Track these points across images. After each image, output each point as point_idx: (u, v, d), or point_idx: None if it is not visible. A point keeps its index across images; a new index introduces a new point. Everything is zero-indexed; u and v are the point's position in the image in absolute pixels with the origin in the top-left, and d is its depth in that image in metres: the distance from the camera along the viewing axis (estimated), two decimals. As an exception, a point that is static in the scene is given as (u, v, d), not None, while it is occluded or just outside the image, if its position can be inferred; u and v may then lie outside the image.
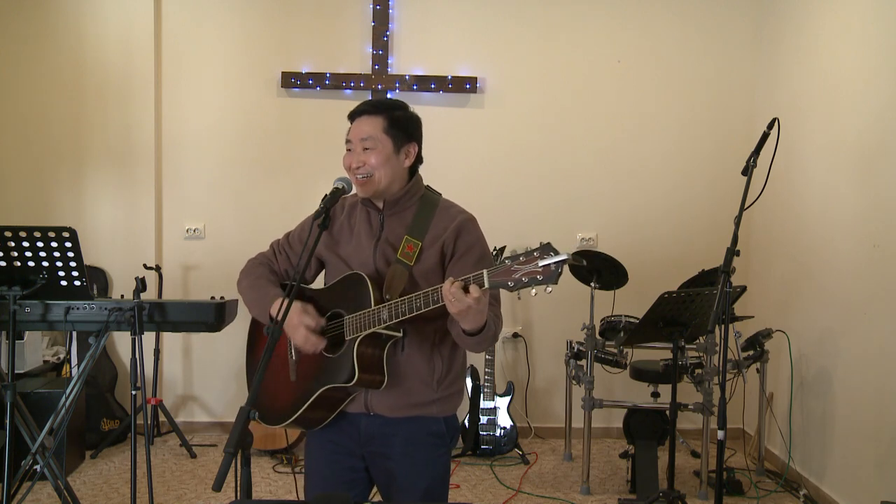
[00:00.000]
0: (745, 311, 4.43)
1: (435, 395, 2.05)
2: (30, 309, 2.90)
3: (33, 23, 4.74)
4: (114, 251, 4.80)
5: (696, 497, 3.92)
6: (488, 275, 1.72)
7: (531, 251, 1.70)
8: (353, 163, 2.03)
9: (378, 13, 4.83)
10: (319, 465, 2.13)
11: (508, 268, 1.71)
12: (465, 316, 1.78)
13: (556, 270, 1.66)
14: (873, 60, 3.61)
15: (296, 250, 2.18)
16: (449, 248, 2.02)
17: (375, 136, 2.03)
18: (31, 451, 3.03)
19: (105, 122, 4.79)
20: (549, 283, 1.67)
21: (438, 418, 2.08)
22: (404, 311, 1.87)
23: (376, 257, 2.04)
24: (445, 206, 2.12)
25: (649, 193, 4.96)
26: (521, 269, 1.69)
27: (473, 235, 2.06)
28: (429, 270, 2.00)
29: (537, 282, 1.67)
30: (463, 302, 1.73)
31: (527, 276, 1.68)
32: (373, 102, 2.10)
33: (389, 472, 2.06)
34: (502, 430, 4.50)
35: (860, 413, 3.59)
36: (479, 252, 2.05)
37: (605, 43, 4.94)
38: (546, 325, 4.99)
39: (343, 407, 2.05)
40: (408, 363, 2.01)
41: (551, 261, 1.66)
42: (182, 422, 4.81)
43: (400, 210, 2.08)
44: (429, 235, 2.03)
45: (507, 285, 1.70)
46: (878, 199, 3.52)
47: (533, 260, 1.68)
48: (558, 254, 1.67)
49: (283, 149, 4.88)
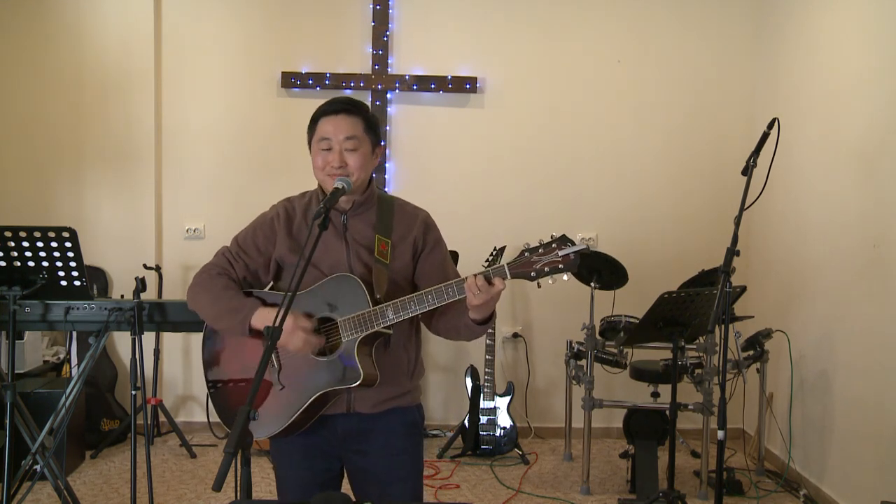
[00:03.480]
0: (745, 311, 4.43)
1: (409, 385, 2.12)
2: (30, 309, 2.89)
3: (33, 23, 4.74)
4: (114, 251, 4.80)
5: (696, 497, 3.92)
6: (509, 267, 1.85)
7: (549, 243, 1.85)
8: (335, 162, 2.01)
9: (378, 13, 4.83)
10: (294, 468, 2.12)
11: (528, 259, 1.85)
12: (483, 307, 1.89)
13: (575, 260, 1.82)
14: (873, 60, 3.61)
15: (251, 256, 2.13)
16: (420, 242, 2.09)
17: (358, 136, 2.04)
18: (31, 451, 3.03)
19: (105, 121, 4.79)
20: (570, 271, 1.83)
21: (412, 407, 2.14)
22: (414, 309, 1.92)
23: (350, 258, 2.04)
24: (401, 203, 2.16)
25: (649, 193, 4.96)
26: (542, 259, 1.84)
27: (436, 229, 2.17)
28: (403, 267, 2.06)
29: (558, 270, 1.83)
30: (489, 293, 1.84)
31: (548, 266, 1.84)
32: (349, 101, 2.08)
33: (365, 469, 2.08)
34: (502, 430, 4.49)
35: (860, 413, 3.59)
36: (443, 243, 2.16)
37: (605, 43, 4.94)
38: (546, 325, 4.99)
39: (324, 409, 2.03)
40: (389, 359, 2.04)
41: (570, 251, 1.83)
42: (182, 422, 4.81)
43: (363, 210, 2.09)
44: (395, 233, 2.07)
45: (530, 276, 1.84)
46: (878, 199, 3.52)
47: (552, 251, 1.83)
48: (575, 244, 1.83)
49: (283, 149, 4.87)
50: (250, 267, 2.13)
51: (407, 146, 4.93)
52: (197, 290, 2.12)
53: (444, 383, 5.01)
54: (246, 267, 2.13)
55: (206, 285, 2.11)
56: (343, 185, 1.98)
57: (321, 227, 1.89)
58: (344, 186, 1.98)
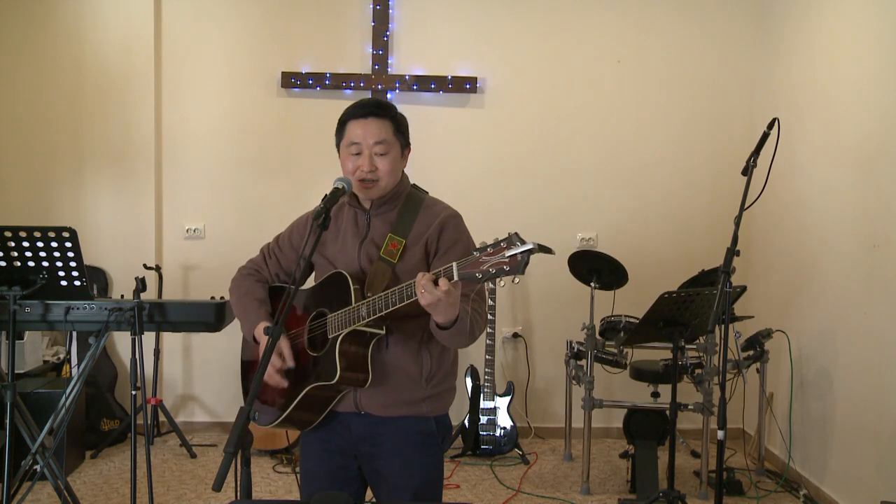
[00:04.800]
0: (745, 311, 4.43)
1: (425, 392, 2.03)
2: (30, 309, 2.89)
3: (33, 23, 4.74)
4: (114, 251, 4.80)
5: (696, 497, 3.92)
6: (457, 266, 1.70)
7: (499, 241, 1.66)
8: (365, 167, 1.98)
9: (378, 13, 4.83)
10: (314, 465, 2.13)
11: (477, 259, 1.68)
12: (435, 308, 1.77)
13: (522, 260, 1.62)
14: (873, 60, 3.61)
15: (286, 253, 2.17)
16: (433, 244, 2.01)
17: (389, 140, 2.00)
18: (31, 451, 3.02)
19: (105, 121, 4.79)
20: (516, 274, 1.63)
21: (429, 417, 2.06)
22: (381, 307, 1.85)
23: (360, 257, 2.04)
24: (430, 203, 2.09)
25: (649, 193, 4.96)
26: (489, 259, 1.66)
27: (457, 231, 2.04)
28: (413, 268, 1.96)
29: (504, 272, 1.64)
30: (433, 294, 1.71)
31: (494, 266, 1.64)
32: (379, 103, 2.04)
33: (379, 472, 2.06)
34: (502, 430, 4.49)
35: (860, 413, 3.59)
36: (462, 248, 2.01)
37: (606, 43, 4.94)
38: (546, 325, 4.99)
39: (332, 406, 2.04)
40: (394, 361, 2.00)
41: (517, 251, 1.62)
42: (182, 422, 4.81)
43: (386, 210, 2.06)
44: (413, 233, 2.02)
45: (476, 277, 1.67)
46: (878, 199, 3.52)
47: (500, 251, 1.64)
48: (525, 243, 1.62)
49: (283, 149, 4.87)
50: (282, 263, 2.20)
51: (407, 146, 4.93)
52: (232, 286, 2.24)
53: (444, 383, 5.01)
54: (278, 263, 2.20)
55: (236, 284, 2.22)
56: (343, 186, 1.96)
57: (321, 227, 1.88)
58: (344, 187, 1.96)
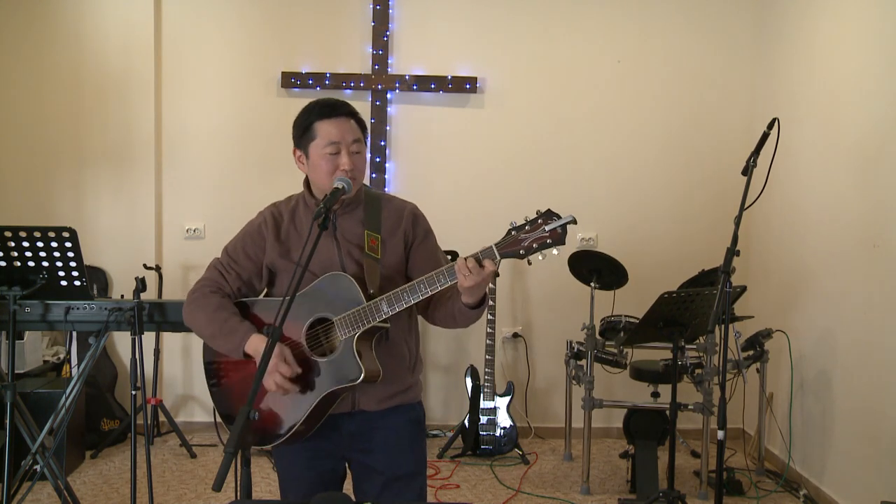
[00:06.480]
0: (745, 311, 4.43)
1: (411, 379, 2.12)
2: (30, 309, 2.89)
3: (33, 23, 4.74)
4: (114, 251, 4.79)
5: (696, 497, 3.92)
6: (497, 248, 1.81)
7: (535, 219, 1.79)
8: (347, 165, 1.99)
9: (378, 13, 4.83)
10: (298, 470, 2.11)
11: (516, 238, 1.80)
12: (474, 290, 1.85)
13: (562, 233, 1.76)
14: (874, 60, 3.61)
15: (242, 265, 2.11)
16: (410, 234, 2.10)
17: (361, 140, 2.06)
18: (31, 451, 3.03)
19: (105, 121, 4.79)
20: (558, 246, 1.77)
21: (415, 404, 2.14)
22: (408, 300, 1.90)
23: (342, 256, 2.04)
24: (388, 198, 2.17)
25: (649, 193, 4.96)
26: (529, 236, 1.79)
27: (425, 220, 2.16)
28: (396, 261, 2.07)
29: (546, 245, 1.77)
30: (480, 275, 1.80)
31: (536, 241, 1.78)
32: (348, 104, 2.06)
33: (368, 465, 2.08)
34: (502, 430, 4.49)
35: (860, 413, 3.59)
36: (432, 234, 2.16)
37: (605, 43, 4.93)
38: (546, 325, 4.99)
39: (330, 410, 2.02)
40: (389, 353, 2.03)
41: (557, 224, 1.77)
42: (182, 422, 4.80)
43: (352, 208, 2.09)
44: (384, 228, 2.07)
45: (519, 254, 1.79)
46: (877, 199, 3.52)
47: (539, 227, 1.78)
48: (561, 217, 1.78)
49: (284, 149, 4.77)
50: (243, 276, 2.12)
51: (407, 146, 4.93)
52: (192, 308, 2.11)
53: (445, 383, 5.01)
54: (238, 277, 2.12)
55: (199, 304, 2.09)
56: (344, 185, 1.97)
57: (321, 227, 1.88)
58: (344, 186, 1.97)
